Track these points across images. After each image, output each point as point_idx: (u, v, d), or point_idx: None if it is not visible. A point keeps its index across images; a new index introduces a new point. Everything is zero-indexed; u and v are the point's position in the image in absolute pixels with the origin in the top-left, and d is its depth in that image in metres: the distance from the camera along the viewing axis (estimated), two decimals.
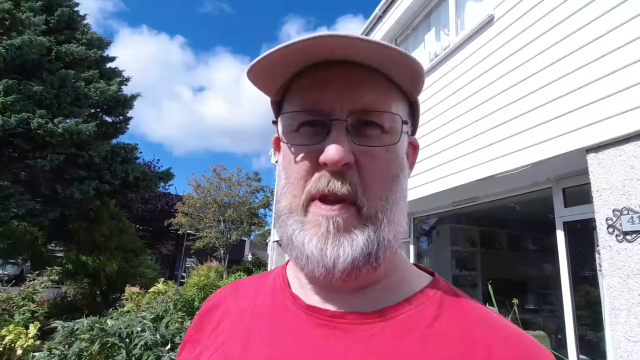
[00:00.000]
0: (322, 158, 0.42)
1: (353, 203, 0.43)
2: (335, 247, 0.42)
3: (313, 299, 0.48)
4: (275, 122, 0.50)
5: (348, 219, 0.42)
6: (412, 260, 5.37)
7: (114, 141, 11.73)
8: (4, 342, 4.24)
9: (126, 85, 11.84)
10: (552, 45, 3.06)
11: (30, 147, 8.65)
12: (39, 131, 8.24)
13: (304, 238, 0.43)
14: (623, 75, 2.50)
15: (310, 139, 0.44)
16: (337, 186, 0.42)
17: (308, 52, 0.42)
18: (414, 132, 0.55)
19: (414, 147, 0.55)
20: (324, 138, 0.43)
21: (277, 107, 0.51)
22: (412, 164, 0.54)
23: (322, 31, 0.40)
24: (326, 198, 0.43)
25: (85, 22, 11.44)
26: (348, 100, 0.44)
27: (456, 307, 0.46)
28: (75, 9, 11.08)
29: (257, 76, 0.46)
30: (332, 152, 0.41)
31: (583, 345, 3.00)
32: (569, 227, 3.17)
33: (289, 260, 0.57)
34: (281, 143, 0.49)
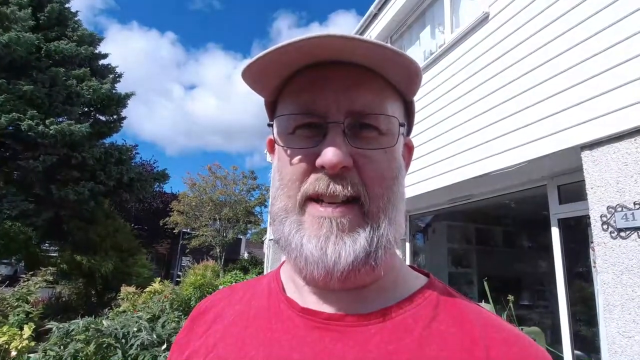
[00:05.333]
0: (319, 161, 0.41)
1: (356, 201, 0.42)
2: (337, 246, 0.41)
3: (308, 301, 0.47)
4: (270, 125, 0.49)
5: (352, 219, 0.42)
6: (407, 257, 5.39)
7: (107, 140, 11.65)
8: None
9: (119, 82, 11.74)
10: (546, 42, 3.07)
11: (21, 147, 8.56)
12: (29, 133, 8.15)
13: (302, 238, 0.43)
14: (617, 72, 2.51)
15: (307, 142, 0.44)
16: (338, 189, 0.41)
17: (304, 53, 0.41)
18: (409, 132, 0.54)
19: (409, 148, 0.55)
20: (321, 141, 0.42)
21: (272, 108, 0.50)
22: (407, 165, 0.54)
23: (318, 31, 0.39)
24: (324, 199, 0.42)
25: (76, 18, 11.30)
26: (344, 102, 0.43)
27: (453, 307, 0.46)
28: (66, 5, 10.94)
29: (252, 78, 0.45)
30: (330, 155, 0.40)
31: (578, 340, 3.02)
32: (563, 224, 3.19)
33: (283, 263, 0.56)
34: (276, 145, 0.48)
